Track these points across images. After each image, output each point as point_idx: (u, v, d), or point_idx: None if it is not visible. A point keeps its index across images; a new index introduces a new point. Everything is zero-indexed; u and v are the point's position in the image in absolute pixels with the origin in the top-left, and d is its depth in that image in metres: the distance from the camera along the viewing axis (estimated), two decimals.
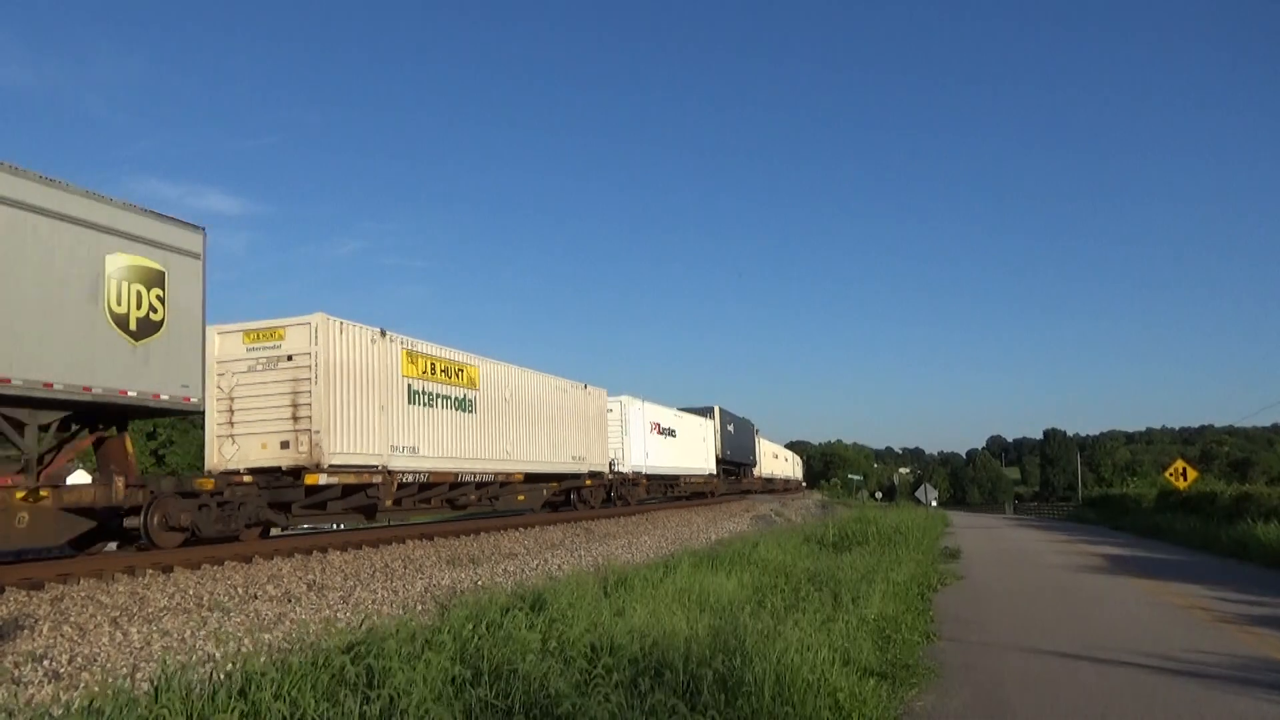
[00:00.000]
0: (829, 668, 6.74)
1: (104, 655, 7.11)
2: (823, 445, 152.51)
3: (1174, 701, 7.08)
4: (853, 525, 22.96)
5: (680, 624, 8.02)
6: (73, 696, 5.82)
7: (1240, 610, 12.11)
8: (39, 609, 8.73)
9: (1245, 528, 22.27)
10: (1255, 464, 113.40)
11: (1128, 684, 7.67)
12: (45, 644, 7.30)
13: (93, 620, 8.30)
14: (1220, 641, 9.74)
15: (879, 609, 10.21)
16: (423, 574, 12.23)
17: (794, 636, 7.46)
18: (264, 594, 10.16)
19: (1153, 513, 34.74)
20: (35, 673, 6.52)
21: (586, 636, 7.19)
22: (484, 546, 16.15)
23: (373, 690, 5.53)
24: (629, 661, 6.52)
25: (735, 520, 28.02)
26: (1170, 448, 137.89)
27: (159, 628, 8.11)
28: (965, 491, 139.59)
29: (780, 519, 32.06)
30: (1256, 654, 9.04)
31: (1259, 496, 26.20)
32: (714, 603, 9.96)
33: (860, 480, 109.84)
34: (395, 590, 10.81)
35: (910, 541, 20.47)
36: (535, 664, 6.16)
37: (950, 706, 6.97)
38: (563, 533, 19.58)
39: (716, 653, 6.58)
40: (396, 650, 6.31)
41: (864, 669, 7.41)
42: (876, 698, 6.60)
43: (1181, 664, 8.47)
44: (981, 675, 8.07)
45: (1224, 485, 34.27)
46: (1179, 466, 33.84)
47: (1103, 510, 46.69)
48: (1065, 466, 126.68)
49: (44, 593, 9.63)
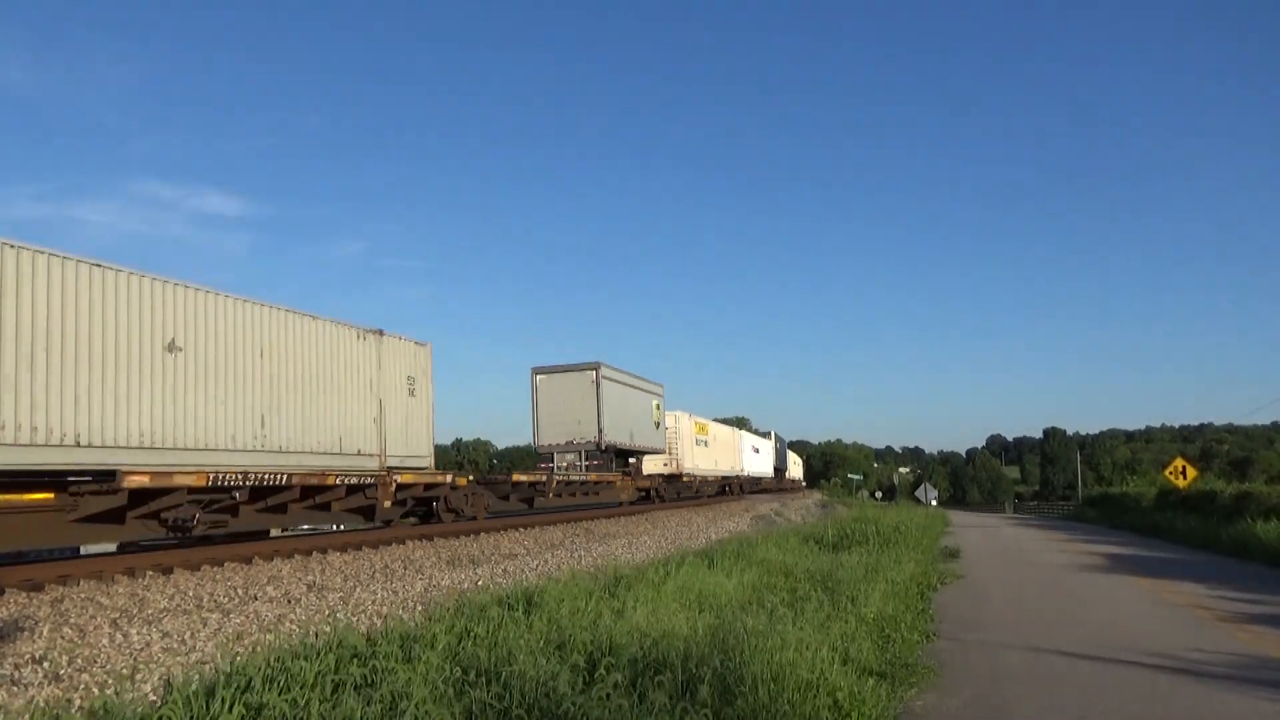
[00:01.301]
0: (828, 667, 6.75)
1: (104, 657, 7.11)
2: (822, 445, 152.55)
3: (1174, 700, 7.09)
4: (852, 525, 22.96)
5: (680, 624, 8.02)
6: (73, 698, 5.83)
7: (1240, 609, 12.12)
8: (39, 610, 8.74)
9: (1245, 526, 22.27)
10: (1255, 462, 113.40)
11: (1128, 683, 7.67)
12: (45, 646, 7.30)
13: (93, 622, 8.30)
14: (1220, 640, 9.74)
15: (878, 608, 10.22)
16: (422, 575, 12.23)
17: (793, 636, 7.47)
18: (264, 595, 10.17)
19: (1153, 511, 34.72)
20: (35, 674, 6.52)
21: (585, 636, 7.20)
22: (484, 547, 16.17)
23: (374, 690, 5.54)
24: (629, 661, 6.52)
25: (735, 520, 28.01)
26: (1170, 446, 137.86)
27: (159, 629, 8.12)
28: (965, 491, 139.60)
29: (780, 519, 32.06)
30: (1257, 652, 9.04)
31: (1259, 495, 26.19)
32: (713, 602, 9.97)
33: (860, 480, 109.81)
34: (395, 591, 10.82)
35: (910, 541, 20.48)
36: (535, 664, 6.16)
37: (950, 705, 6.98)
38: (563, 533, 19.61)
39: (715, 652, 6.59)
40: (389, 652, 6.32)
41: (863, 668, 7.42)
42: (876, 697, 6.61)
43: (1182, 662, 8.47)
44: (981, 674, 8.07)
45: (1224, 484, 34.26)
46: (1179, 465, 33.84)
47: (1103, 509, 46.66)
48: (1065, 465, 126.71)
49: (44, 594, 9.64)
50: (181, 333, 13.05)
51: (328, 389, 16.16)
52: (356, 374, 17.02)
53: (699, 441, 38.84)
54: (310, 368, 15.78)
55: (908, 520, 27.34)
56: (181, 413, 12.90)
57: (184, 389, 12.99)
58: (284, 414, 15.00)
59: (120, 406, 11.90)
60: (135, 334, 12.28)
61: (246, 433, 14.13)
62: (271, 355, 14.83)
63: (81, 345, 11.44)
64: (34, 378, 10.77)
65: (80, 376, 11.38)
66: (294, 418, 15.24)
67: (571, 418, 27.25)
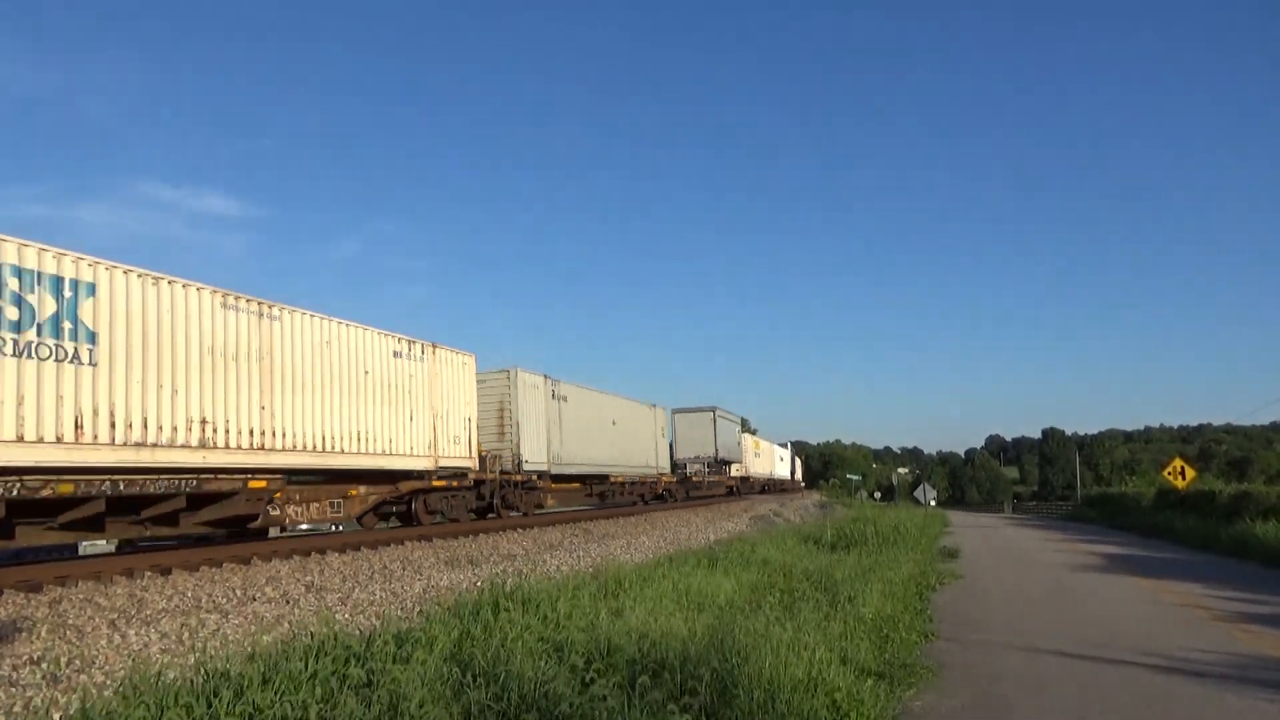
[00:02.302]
0: (826, 667, 6.75)
1: (102, 658, 7.11)
2: (821, 445, 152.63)
3: (1172, 700, 7.09)
4: (851, 525, 22.96)
5: (678, 624, 8.02)
6: (71, 699, 5.82)
7: (1239, 609, 12.13)
8: (37, 611, 8.73)
9: (1244, 526, 22.30)
10: (1254, 462, 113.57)
11: (1126, 682, 7.67)
12: (43, 646, 7.29)
13: (91, 623, 8.30)
14: (1218, 640, 9.75)
15: (877, 608, 10.22)
16: (421, 575, 12.23)
17: (791, 636, 7.47)
18: (262, 595, 10.16)
19: (1151, 512, 34.74)
20: (33, 675, 6.51)
21: (582, 637, 7.19)
22: (482, 548, 16.17)
23: (372, 691, 5.54)
24: (627, 662, 6.52)
25: (734, 520, 28.00)
26: (1169, 446, 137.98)
27: (158, 630, 8.11)
28: (964, 491, 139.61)
29: (779, 519, 32.04)
30: (1255, 652, 9.05)
31: (1257, 495, 26.21)
32: (712, 603, 9.97)
33: (859, 480, 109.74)
34: (394, 592, 10.81)
35: (909, 541, 20.50)
36: (534, 666, 6.16)
37: (948, 706, 6.98)
38: (561, 533, 19.60)
39: (713, 652, 6.58)
40: (386, 651, 6.31)
41: (862, 668, 7.42)
42: (874, 697, 6.61)
43: (1180, 662, 8.48)
44: (980, 674, 8.07)
45: (1222, 484, 34.31)
46: (1177, 465, 33.84)
47: (1101, 509, 46.69)
48: (1064, 466, 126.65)
49: (42, 595, 9.63)
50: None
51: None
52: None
53: (755, 455, 55.88)
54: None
55: (906, 521, 27.33)
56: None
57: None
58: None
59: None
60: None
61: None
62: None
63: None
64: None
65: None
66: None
67: (697, 442, 42.30)
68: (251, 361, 13.68)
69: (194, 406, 12.52)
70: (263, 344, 13.99)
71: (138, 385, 11.65)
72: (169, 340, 12.26)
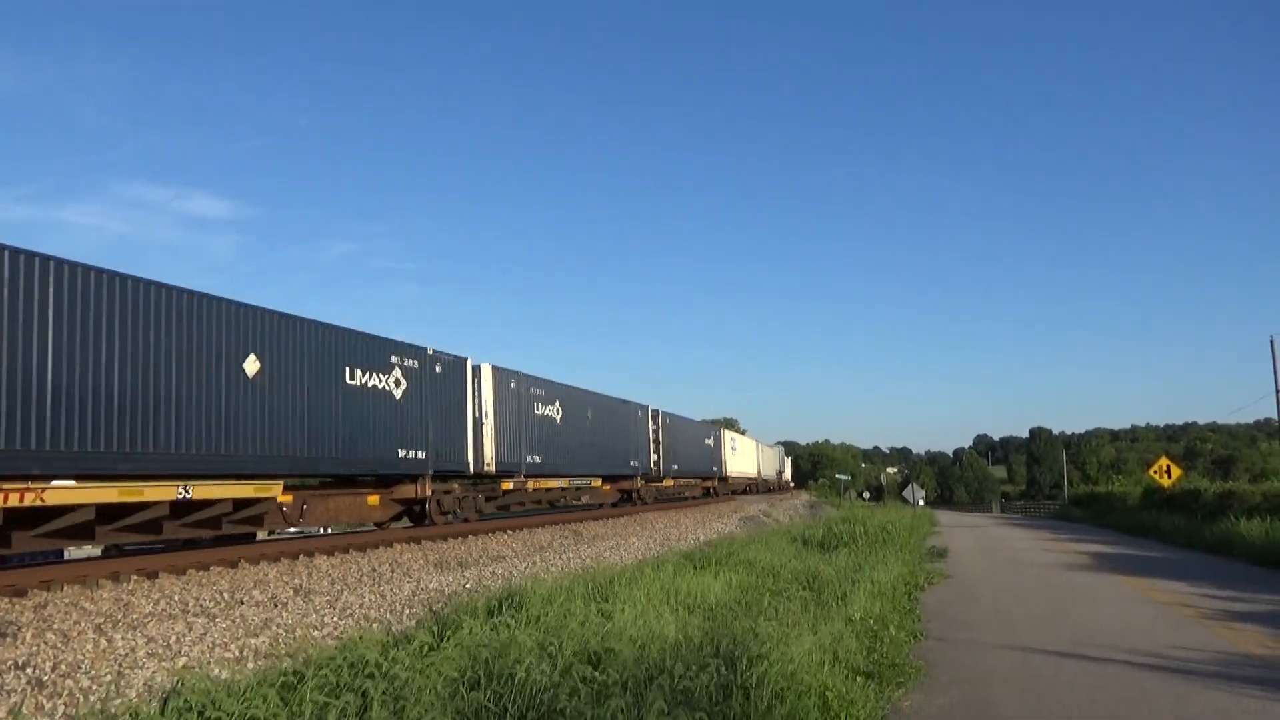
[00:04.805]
0: (816, 668, 6.77)
1: (88, 662, 7.05)
2: (810, 445, 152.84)
3: (1160, 698, 7.15)
4: (840, 525, 23.04)
5: (668, 626, 8.03)
6: (56, 704, 5.78)
7: (1223, 607, 12.24)
8: (21, 615, 8.65)
9: (1228, 525, 22.49)
10: (1238, 461, 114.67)
11: (1113, 681, 7.73)
12: (28, 651, 7.23)
13: (76, 627, 8.23)
14: (1204, 638, 9.83)
15: (866, 608, 10.26)
16: (410, 578, 12.19)
17: (780, 636, 7.48)
18: (250, 599, 10.11)
19: (1138, 510, 34.99)
20: (18, 680, 6.46)
21: (572, 641, 7.19)
22: (471, 549, 16.12)
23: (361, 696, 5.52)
24: (620, 664, 6.51)
25: (723, 521, 28.04)
26: (1155, 445, 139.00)
27: (144, 634, 8.05)
28: (952, 491, 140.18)
29: (768, 519, 32.11)
30: (1239, 650, 9.14)
31: (1242, 494, 26.46)
32: (701, 603, 9.98)
33: (848, 480, 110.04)
34: (383, 594, 10.78)
35: (897, 541, 20.56)
36: (525, 669, 6.15)
37: (937, 705, 7.01)
38: (551, 535, 19.57)
39: (704, 654, 6.58)
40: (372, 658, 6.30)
41: (851, 668, 7.44)
42: (864, 697, 6.63)
43: (1166, 660, 8.54)
44: (968, 673, 8.11)
45: (1208, 483, 34.58)
46: (1163, 464, 34.09)
47: (1088, 508, 46.99)
48: (1051, 465, 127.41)
49: (27, 599, 9.54)
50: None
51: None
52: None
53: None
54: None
55: (895, 521, 27.45)
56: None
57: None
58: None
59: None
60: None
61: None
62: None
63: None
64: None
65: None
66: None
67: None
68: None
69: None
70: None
71: None
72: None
